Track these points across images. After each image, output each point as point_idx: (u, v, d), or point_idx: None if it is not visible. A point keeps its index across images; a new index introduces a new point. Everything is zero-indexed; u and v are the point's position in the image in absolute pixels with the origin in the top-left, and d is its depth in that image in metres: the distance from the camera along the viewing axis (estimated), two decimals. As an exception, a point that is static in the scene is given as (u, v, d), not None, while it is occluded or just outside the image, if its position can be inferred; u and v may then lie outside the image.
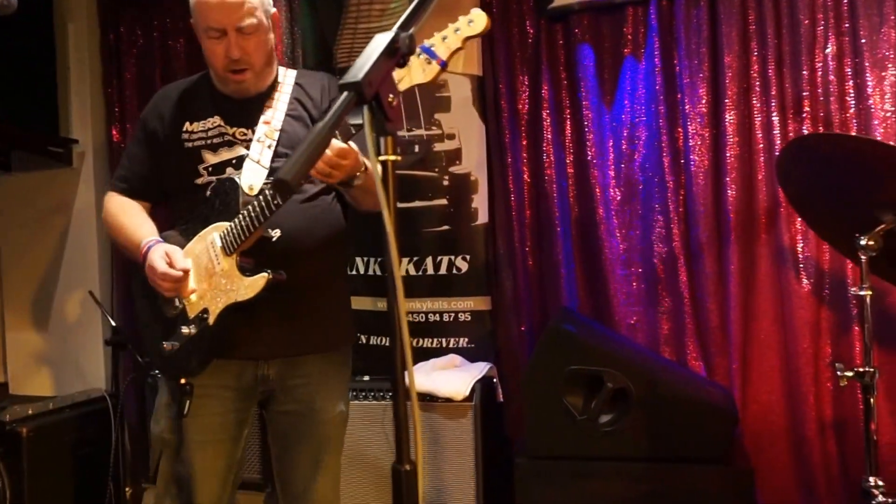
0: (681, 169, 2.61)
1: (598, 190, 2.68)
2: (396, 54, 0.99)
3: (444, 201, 2.83)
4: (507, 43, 2.79)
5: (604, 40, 2.70)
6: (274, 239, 1.59)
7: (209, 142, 1.73)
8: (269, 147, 1.67)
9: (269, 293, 1.56)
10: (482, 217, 2.82)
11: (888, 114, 2.36)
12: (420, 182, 2.84)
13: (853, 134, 1.96)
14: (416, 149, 2.84)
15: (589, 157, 2.69)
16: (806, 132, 2.43)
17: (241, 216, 1.58)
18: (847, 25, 2.41)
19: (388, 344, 2.85)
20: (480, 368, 2.63)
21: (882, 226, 1.57)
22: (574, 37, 2.71)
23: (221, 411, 1.68)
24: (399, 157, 1.00)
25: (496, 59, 2.79)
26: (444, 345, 2.85)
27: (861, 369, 1.59)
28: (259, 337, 1.65)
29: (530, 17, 2.76)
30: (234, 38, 1.62)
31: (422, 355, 2.77)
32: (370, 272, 2.92)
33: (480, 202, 2.81)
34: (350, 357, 1.85)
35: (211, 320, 1.61)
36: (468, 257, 2.82)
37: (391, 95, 0.98)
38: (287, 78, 1.79)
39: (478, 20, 1.31)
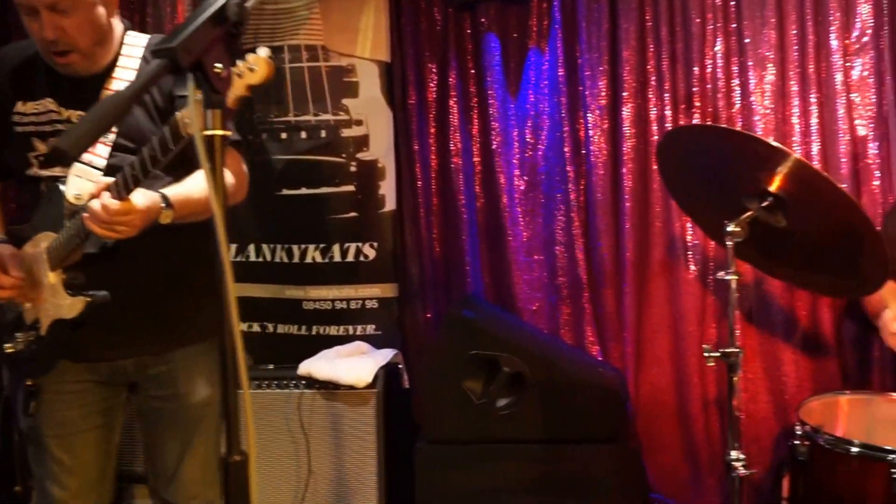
0: (582, 159, 2.69)
1: (502, 179, 2.73)
2: (225, 23, 0.92)
3: (351, 188, 2.82)
4: (415, 30, 2.79)
5: (510, 31, 2.74)
6: (96, 252, 1.47)
7: (39, 128, 1.56)
8: (104, 142, 1.51)
9: (95, 311, 1.47)
10: (390, 204, 2.82)
11: (767, 110, 2.51)
12: (327, 168, 2.82)
13: (723, 126, 2.05)
14: (323, 134, 2.81)
15: (494, 147, 2.74)
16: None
17: (65, 229, 1.46)
18: (734, 26, 2.53)
19: (294, 332, 2.91)
20: (385, 355, 2.64)
21: (749, 213, 1.67)
22: (481, 26, 2.74)
23: (81, 403, 1.63)
24: (229, 133, 0.94)
25: (404, 46, 2.79)
26: (351, 332, 2.85)
27: (726, 350, 1.69)
28: (106, 340, 1.58)
29: (438, 5, 2.77)
30: (47, 17, 1.43)
31: (328, 343, 2.76)
32: (276, 259, 2.88)
33: (388, 189, 2.82)
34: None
35: (43, 331, 1.54)
36: (375, 244, 2.83)
37: (219, 66, 0.91)
38: (134, 50, 1.60)
39: (260, 67, 1.23)
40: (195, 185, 1.51)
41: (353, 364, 2.54)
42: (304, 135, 2.81)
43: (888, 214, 2.23)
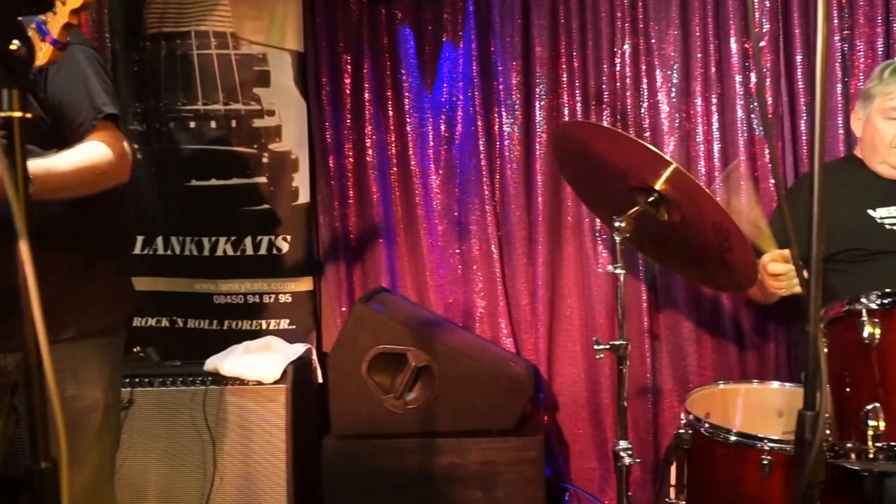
0: (496, 153, 2.71)
1: (417, 172, 2.73)
2: None
3: (263, 179, 2.77)
4: (329, 21, 2.75)
5: (425, 24, 2.73)
6: None
7: None
8: None
9: None
10: (303, 196, 2.78)
11: (673, 109, 2.58)
12: (238, 158, 2.75)
13: (610, 127, 2.08)
14: (234, 124, 2.74)
15: (410, 140, 2.73)
16: (606, 123, 2.60)
17: None
18: (641, 26, 2.59)
19: (205, 327, 2.84)
20: (296, 350, 2.60)
21: (636, 208, 1.71)
22: (396, 18, 2.73)
23: None
24: (29, 115, 0.89)
25: (318, 36, 2.75)
26: (264, 327, 2.80)
27: (615, 343, 1.73)
28: None
29: (353, -4, 2.75)
30: None
31: (240, 338, 2.69)
32: (186, 252, 2.80)
33: (302, 181, 2.78)
34: (115, 345, 1.72)
35: None
36: (289, 237, 2.78)
37: (15, 43, 0.86)
38: None
39: None
40: (62, 160, 1.42)
41: (262, 359, 2.49)
42: (213, 124, 2.73)
43: (789, 191, 2.33)
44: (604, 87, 2.61)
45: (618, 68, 2.61)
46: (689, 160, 2.60)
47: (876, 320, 1.35)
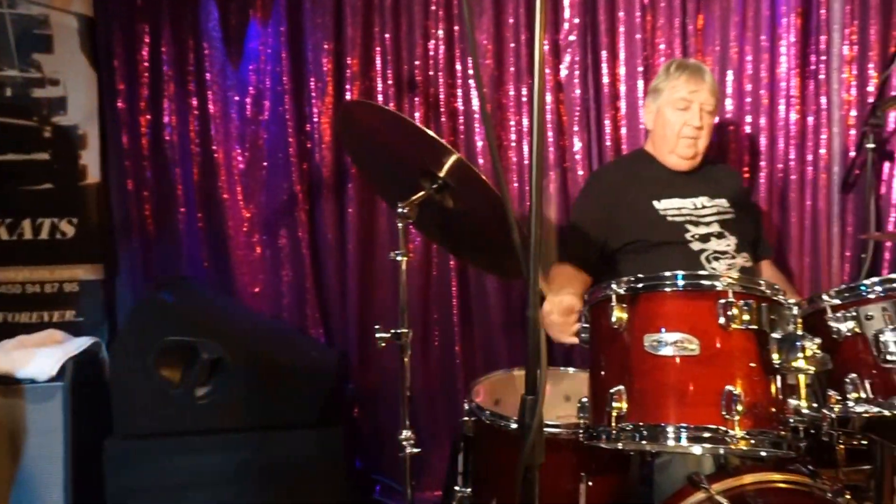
0: (306, 137, 2.60)
1: (221, 153, 2.57)
2: None
3: (45, 156, 2.50)
4: (125, -15, 2.52)
5: (230, -1, 2.57)
6: None
7: None
8: None
9: None
10: (93, 175, 2.54)
11: (486, 97, 2.58)
12: (14, 132, 2.47)
13: (396, 112, 2.04)
14: (9, 92, 2.45)
15: (213, 118, 2.56)
16: (417, 110, 2.57)
17: None
18: (456, 11, 2.58)
19: None
20: (79, 344, 2.37)
21: (421, 193, 1.68)
22: (200, -11, 2.54)
23: None
24: None
25: (110, 0, 2.51)
26: (46, 319, 2.53)
27: (398, 331, 1.69)
28: None
29: (150, -39, 2.53)
30: None
31: (18, 332, 2.42)
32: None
33: (91, 159, 2.53)
34: None
35: None
36: (75, 220, 2.53)
37: None
38: None
39: None
40: None
41: (36, 355, 2.25)
42: None
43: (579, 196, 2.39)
44: (416, 71, 2.57)
45: (431, 53, 2.58)
46: (500, 148, 2.62)
47: (624, 305, 1.38)
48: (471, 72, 2.57)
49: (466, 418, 1.79)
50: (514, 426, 1.68)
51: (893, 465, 1.36)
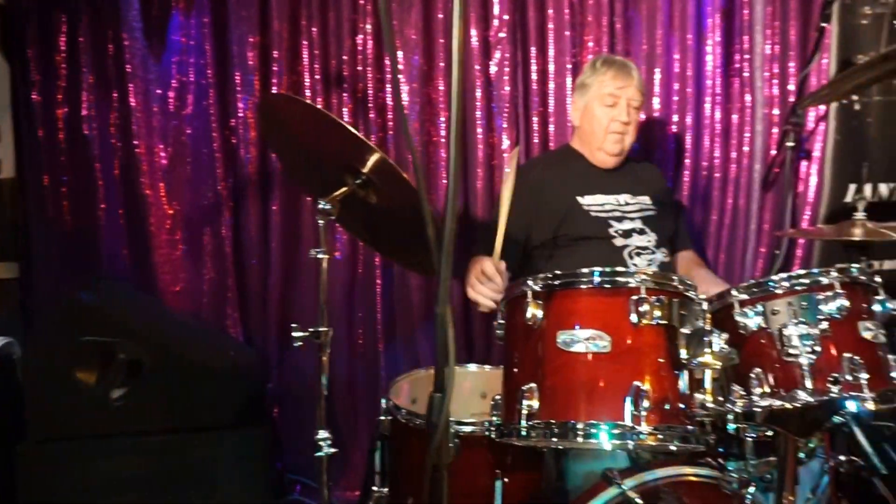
0: (231, 132, 2.54)
1: (143, 148, 2.49)
2: None
3: (-48, 150, 2.38)
4: (38, -30, 2.41)
5: (153, -12, 2.49)
6: None
7: None
8: None
9: None
10: (7, 171, 2.44)
11: (415, 93, 2.56)
12: (-82, 125, 2.34)
13: (319, 108, 1.99)
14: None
15: (134, 112, 2.48)
16: (345, 106, 2.54)
17: None
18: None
19: None
20: (-10, 346, 2.27)
21: (343, 189, 1.65)
22: (119, -23, 2.45)
23: None
24: None
25: (23, -13, 2.41)
26: (-44, 320, 2.42)
27: (316, 329, 1.67)
28: None
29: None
30: None
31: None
32: None
33: (5, 154, 2.43)
34: None
35: None
36: (-13, 217, 2.42)
37: None
38: None
39: None
40: None
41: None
42: None
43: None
44: (345, 66, 2.54)
45: (360, 47, 2.55)
46: (429, 144, 2.61)
47: (539, 302, 1.39)
48: (401, 67, 2.55)
49: (383, 417, 1.78)
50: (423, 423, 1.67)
51: (796, 456, 1.40)
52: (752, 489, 1.47)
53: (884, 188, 2.61)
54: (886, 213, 2.47)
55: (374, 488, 1.79)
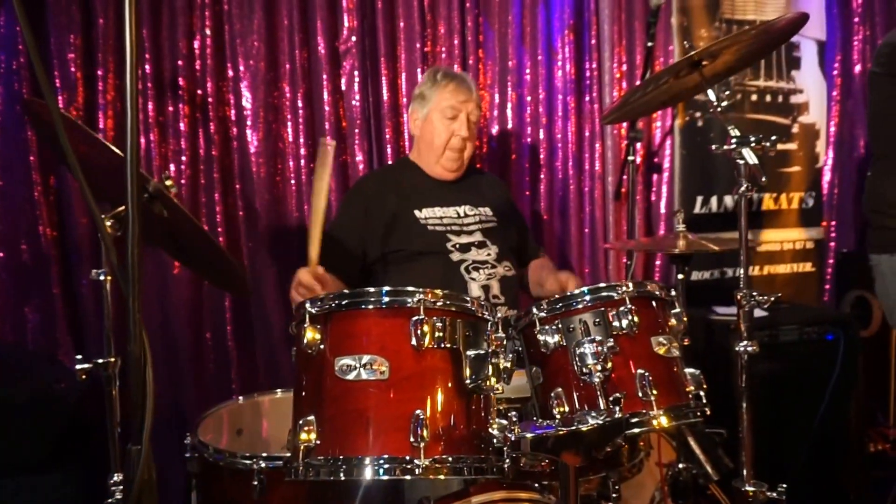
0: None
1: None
2: None
3: None
4: None
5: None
6: None
7: None
8: None
9: None
10: None
11: (258, 101, 2.45)
12: None
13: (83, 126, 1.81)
14: None
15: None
16: (182, 109, 2.39)
17: None
18: (227, 8, 2.41)
19: None
20: None
21: (122, 207, 1.50)
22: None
23: None
24: None
25: None
26: None
27: (98, 361, 1.50)
28: None
29: None
30: None
31: None
32: None
33: None
34: None
35: None
36: None
37: None
38: None
39: None
40: None
41: None
42: None
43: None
44: (179, 72, 2.39)
45: (197, 53, 2.40)
46: (275, 153, 2.49)
47: (318, 326, 1.26)
48: (241, 73, 2.42)
49: (189, 454, 1.63)
50: (242, 461, 1.54)
51: (577, 482, 1.32)
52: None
53: (728, 199, 2.66)
54: (731, 224, 2.51)
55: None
